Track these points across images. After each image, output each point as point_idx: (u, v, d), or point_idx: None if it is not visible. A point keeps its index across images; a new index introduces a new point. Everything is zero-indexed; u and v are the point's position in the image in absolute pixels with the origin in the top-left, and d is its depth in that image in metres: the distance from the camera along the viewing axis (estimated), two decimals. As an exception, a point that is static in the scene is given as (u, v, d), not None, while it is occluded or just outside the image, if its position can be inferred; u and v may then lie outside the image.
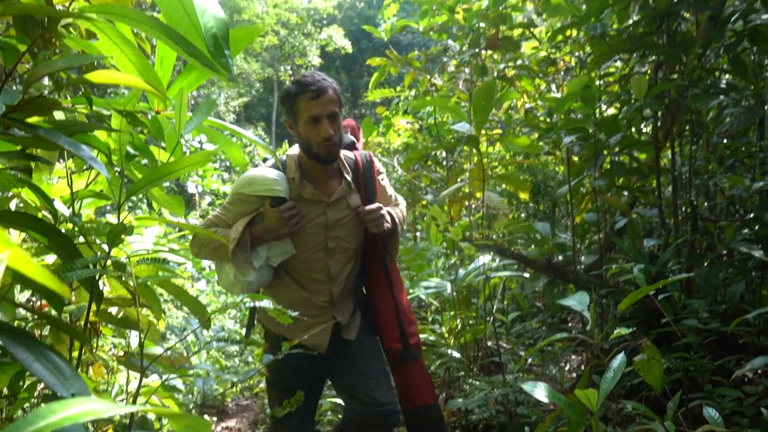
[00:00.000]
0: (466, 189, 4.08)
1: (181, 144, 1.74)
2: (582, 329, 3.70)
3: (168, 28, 1.12)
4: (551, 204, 5.44)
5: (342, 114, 2.20)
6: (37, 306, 2.43)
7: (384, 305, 2.37)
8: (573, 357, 4.14)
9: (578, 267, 3.64)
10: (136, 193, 1.41)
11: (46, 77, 1.28)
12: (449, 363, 3.59)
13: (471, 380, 3.53)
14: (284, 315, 1.40)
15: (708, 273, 2.87)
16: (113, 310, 1.91)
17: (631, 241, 3.24)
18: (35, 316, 1.70)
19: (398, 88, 5.96)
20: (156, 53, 1.66)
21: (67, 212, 1.61)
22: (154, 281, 1.61)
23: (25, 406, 1.84)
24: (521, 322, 4.76)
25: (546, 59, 4.42)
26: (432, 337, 3.70)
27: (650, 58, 3.37)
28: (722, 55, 3.20)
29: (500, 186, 5.02)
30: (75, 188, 1.72)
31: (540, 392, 1.82)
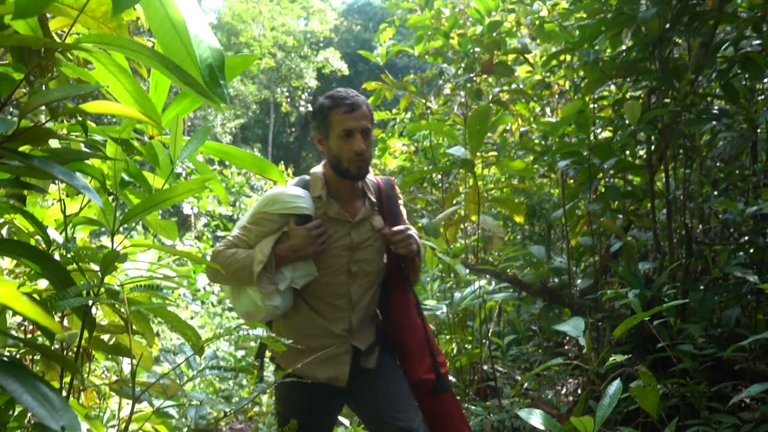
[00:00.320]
0: (462, 212, 4.09)
1: (176, 172, 1.75)
2: (578, 352, 3.68)
3: (164, 58, 1.13)
4: (546, 227, 5.45)
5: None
6: (30, 329, 2.41)
7: (411, 333, 2.22)
8: (570, 380, 4.12)
9: (574, 290, 3.64)
10: (130, 221, 1.41)
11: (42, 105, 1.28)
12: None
13: (467, 405, 3.50)
14: (279, 343, 1.39)
15: (703, 297, 2.87)
16: (106, 337, 1.89)
17: (627, 265, 3.25)
18: (26, 347, 1.69)
19: (394, 111, 6.01)
20: (151, 77, 1.67)
21: (61, 239, 1.60)
22: (148, 309, 1.60)
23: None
24: (517, 345, 4.74)
25: (540, 83, 4.46)
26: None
27: (643, 84, 3.41)
28: (714, 81, 3.24)
29: (495, 209, 5.03)
30: (69, 211, 1.72)
31: (535, 419, 1.81)
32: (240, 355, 6.15)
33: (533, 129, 4.96)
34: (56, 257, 1.54)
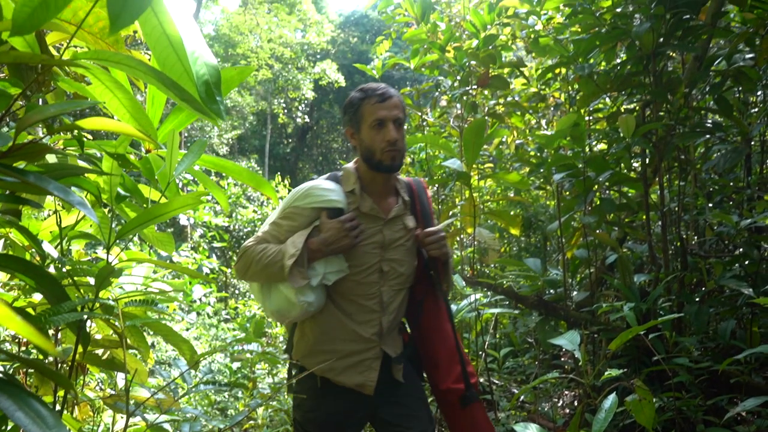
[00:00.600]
0: (458, 224, 4.09)
1: (175, 182, 1.75)
2: (574, 364, 3.67)
3: (160, 74, 1.14)
4: (542, 239, 5.46)
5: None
6: (24, 341, 2.40)
7: (441, 341, 2.15)
8: (566, 393, 4.11)
9: (569, 303, 3.64)
10: (126, 236, 1.41)
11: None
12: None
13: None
14: (275, 358, 1.39)
15: (698, 310, 2.87)
16: (100, 351, 1.89)
17: (622, 277, 3.25)
18: (19, 362, 1.68)
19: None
20: (147, 92, 1.68)
21: (56, 253, 1.60)
22: (142, 323, 1.59)
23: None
24: (513, 358, 4.74)
25: (536, 95, 4.49)
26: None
27: (637, 97, 3.43)
28: (708, 95, 3.27)
29: (491, 221, 5.04)
30: (65, 224, 1.72)
31: (532, 434, 1.80)
32: (235, 367, 6.12)
33: (529, 141, 4.98)
34: (51, 270, 1.54)
